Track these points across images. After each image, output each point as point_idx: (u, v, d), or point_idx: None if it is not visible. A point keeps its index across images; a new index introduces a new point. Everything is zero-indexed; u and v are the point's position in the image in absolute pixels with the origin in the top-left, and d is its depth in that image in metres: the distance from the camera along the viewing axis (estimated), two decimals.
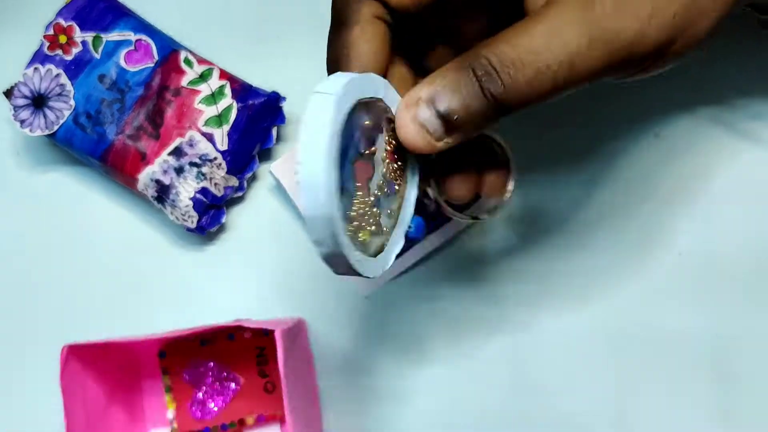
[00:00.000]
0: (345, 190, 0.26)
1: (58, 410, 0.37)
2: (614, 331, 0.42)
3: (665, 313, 0.42)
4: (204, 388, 0.42)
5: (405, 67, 0.31)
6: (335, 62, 0.29)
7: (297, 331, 0.40)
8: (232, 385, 0.42)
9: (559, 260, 0.43)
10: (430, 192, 0.32)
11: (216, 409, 0.42)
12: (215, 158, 0.42)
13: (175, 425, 0.42)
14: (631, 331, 0.42)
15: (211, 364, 0.42)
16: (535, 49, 0.25)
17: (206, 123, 0.42)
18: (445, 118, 0.26)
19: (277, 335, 0.34)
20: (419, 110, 0.26)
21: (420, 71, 0.32)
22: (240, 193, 0.44)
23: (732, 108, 0.43)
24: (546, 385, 0.42)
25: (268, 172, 0.44)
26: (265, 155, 0.45)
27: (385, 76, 0.29)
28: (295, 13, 0.46)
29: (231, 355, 0.42)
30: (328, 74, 0.28)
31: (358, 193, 0.27)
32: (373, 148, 0.27)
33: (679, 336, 0.42)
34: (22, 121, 0.42)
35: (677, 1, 0.26)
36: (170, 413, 0.42)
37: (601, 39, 0.25)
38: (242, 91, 0.42)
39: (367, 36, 0.28)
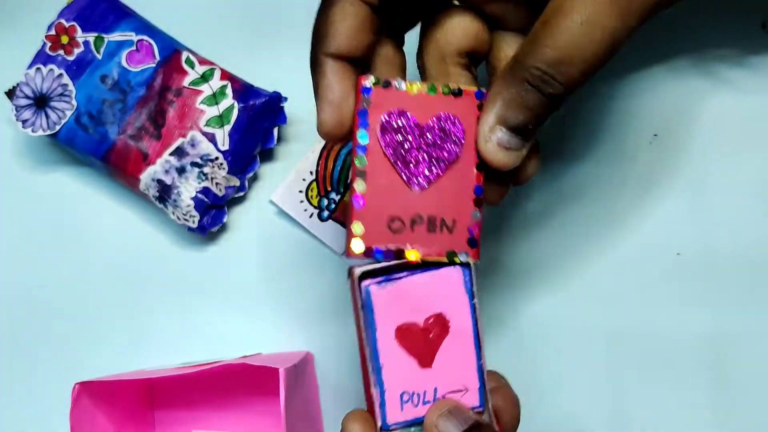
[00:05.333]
0: None
1: None
2: (613, 331, 0.42)
3: (664, 313, 0.42)
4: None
5: (392, 48, 0.32)
6: (317, 37, 0.30)
7: (303, 366, 0.40)
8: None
9: (558, 260, 0.43)
10: None
11: None
12: (216, 158, 0.42)
13: None
14: (630, 331, 0.42)
15: None
16: (579, 44, 0.27)
17: (208, 123, 0.42)
18: (520, 132, 0.28)
19: (281, 375, 0.34)
20: (495, 136, 0.29)
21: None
22: (241, 193, 0.44)
23: (732, 101, 0.43)
24: (544, 384, 0.42)
25: (268, 201, 0.44)
26: (267, 155, 0.45)
27: (370, 55, 0.31)
28: (296, 14, 0.46)
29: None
30: (311, 48, 0.31)
31: None
32: None
33: (678, 336, 0.42)
34: (24, 122, 0.42)
35: None
36: None
37: (631, 9, 0.27)
38: (243, 91, 0.43)
39: (347, 15, 0.30)
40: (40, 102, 0.42)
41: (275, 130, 0.44)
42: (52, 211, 0.45)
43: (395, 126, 0.29)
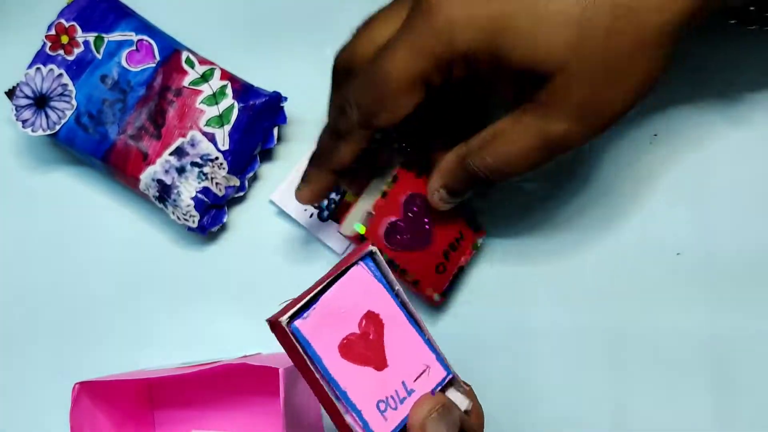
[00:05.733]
0: None
1: None
2: (612, 331, 0.42)
3: (663, 313, 0.42)
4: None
5: None
6: (324, 156, 0.37)
7: None
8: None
9: (557, 259, 0.43)
10: None
11: None
12: (216, 158, 0.42)
13: None
14: (629, 331, 0.42)
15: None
16: (511, 164, 0.35)
17: (208, 123, 0.42)
18: (454, 194, 0.38)
19: (281, 375, 0.34)
20: (438, 195, 0.38)
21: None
22: (241, 193, 0.44)
23: (731, 102, 0.43)
24: (543, 385, 0.42)
25: (268, 201, 0.44)
26: (267, 155, 0.45)
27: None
28: (296, 14, 0.46)
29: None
30: (316, 159, 0.38)
31: None
32: None
33: (678, 336, 0.42)
34: (24, 121, 0.42)
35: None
36: None
37: (549, 144, 0.34)
38: (243, 91, 0.43)
39: (354, 151, 0.36)
40: (40, 102, 0.42)
41: (275, 130, 0.44)
42: (52, 211, 0.45)
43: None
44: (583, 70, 0.32)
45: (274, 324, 0.30)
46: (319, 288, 0.29)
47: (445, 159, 0.37)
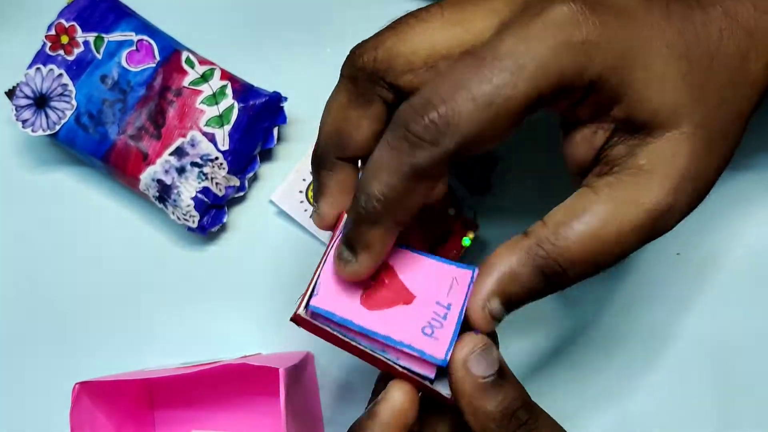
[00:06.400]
0: None
1: None
2: (612, 331, 0.42)
3: (663, 313, 0.42)
4: None
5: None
6: (334, 138, 0.31)
7: (303, 366, 0.40)
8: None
9: None
10: None
11: None
12: (216, 158, 0.42)
13: None
14: (629, 331, 0.42)
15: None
16: (603, 248, 0.27)
17: (207, 123, 0.42)
18: (510, 307, 0.28)
19: (281, 374, 0.34)
20: (493, 307, 0.28)
21: None
22: (241, 193, 0.44)
23: None
24: (543, 385, 0.42)
25: (268, 201, 0.44)
26: (267, 155, 0.45)
27: None
28: (296, 14, 0.46)
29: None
30: (323, 145, 0.31)
31: None
32: None
33: (678, 336, 0.42)
34: (24, 121, 0.42)
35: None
36: None
37: (653, 221, 0.28)
38: (243, 91, 0.43)
39: (370, 126, 0.30)
40: (40, 102, 0.42)
41: (275, 130, 0.44)
42: (52, 211, 0.45)
43: None
44: (693, 135, 0.27)
45: (296, 319, 0.29)
46: (319, 266, 0.30)
47: (504, 253, 0.28)
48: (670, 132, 0.27)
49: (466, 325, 0.29)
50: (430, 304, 0.29)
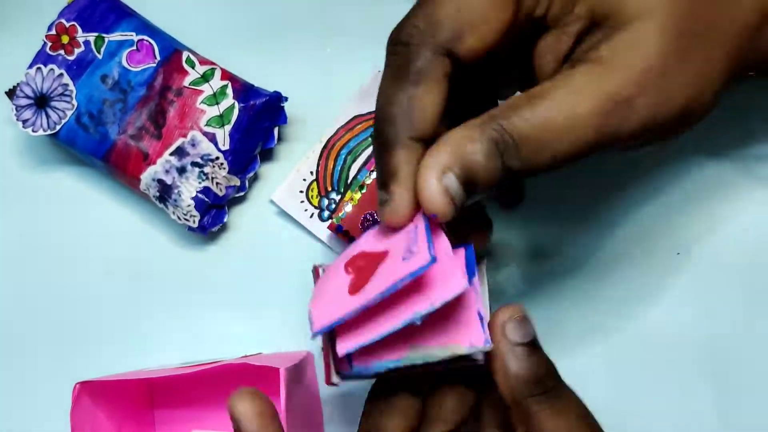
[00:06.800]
0: None
1: None
2: (612, 331, 0.42)
3: (663, 313, 0.42)
4: None
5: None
6: (390, 121, 0.28)
7: (303, 366, 0.40)
8: None
9: (557, 260, 0.43)
10: None
11: None
12: (217, 158, 0.42)
13: None
14: (629, 331, 0.42)
15: None
16: (558, 129, 0.26)
17: (208, 123, 0.42)
18: (467, 185, 0.27)
19: (281, 374, 0.34)
20: (449, 181, 0.26)
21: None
22: (242, 193, 0.44)
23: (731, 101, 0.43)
24: None
25: (269, 201, 0.44)
26: (267, 155, 0.45)
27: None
28: (296, 14, 0.46)
29: None
30: (384, 125, 0.28)
31: None
32: None
33: (678, 336, 0.42)
34: (24, 121, 0.42)
35: (687, 83, 0.27)
36: None
37: (609, 109, 0.26)
38: (244, 91, 0.43)
39: (434, 98, 0.28)
40: (41, 102, 0.42)
41: (275, 130, 0.44)
42: (52, 211, 0.45)
43: None
44: (663, 27, 0.26)
45: (330, 379, 0.30)
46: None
47: (458, 130, 0.27)
48: (635, 23, 0.26)
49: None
50: (402, 244, 0.28)
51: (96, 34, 0.42)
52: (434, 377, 0.32)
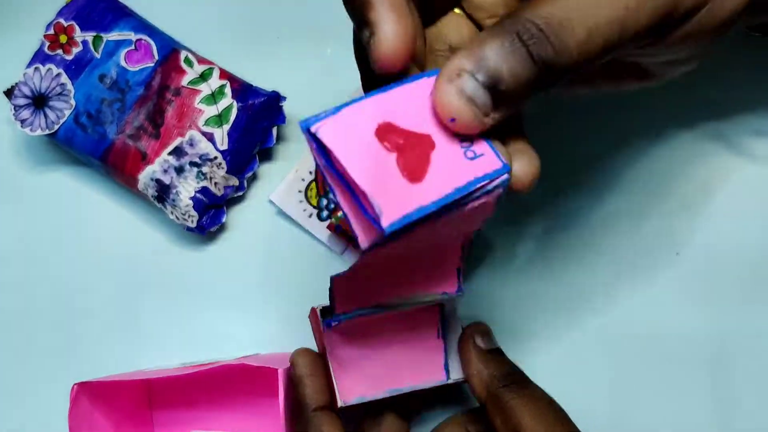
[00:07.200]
0: None
1: None
2: (612, 331, 0.42)
3: (664, 313, 0.42)
4: None
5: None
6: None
7: None
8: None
9: (557, 259, 0.43)
10: None
11: None
12: (215, 158, 0.42)
13: None
14: (630, 331, 0.42)
15: None
16: (584, 7, 0.24)
17: (206, 123, 0.42)
18: (492, 89, 0.24)
19: (280, 375, 0.34)
20: (464, 82, 0.24)
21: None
22: (240, 193, 0.44)
23: (731, 122, 0.43)
24: (542, 384, 0.42)
25: (267, 201, 0.44)
26: (266, 155, 0.45)
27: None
28: (295, 13, 0.46)
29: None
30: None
31: None
32: None
33: (678, 336, 0.42)
34: (22, 121, 0.42)
35: None
36: None
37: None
38: (242, 90, 0.43)
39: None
40: (39, 101, 0.42)
41: (274, 130, 0.44)
42: (51, 211, 0.45)
43: None
44: None
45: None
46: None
47: (473, 39, 0.25)
48: None
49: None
50: (445, 132, 0.25)
51: (94, 33, 0.42)
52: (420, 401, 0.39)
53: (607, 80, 0.31)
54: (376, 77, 0.26)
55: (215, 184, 0.42)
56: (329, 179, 0.26)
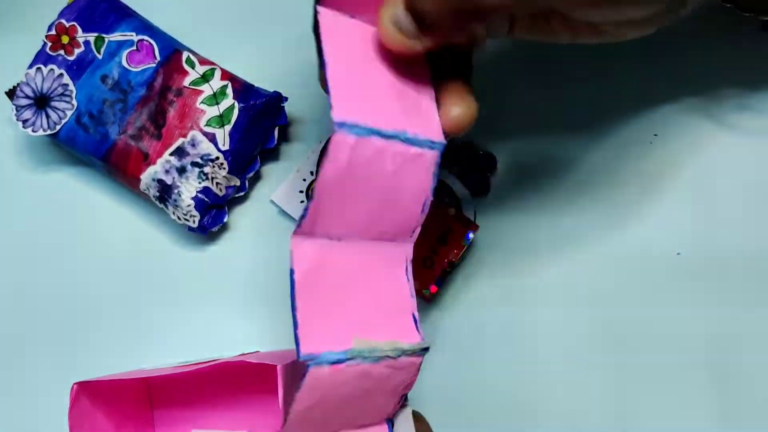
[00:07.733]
0: None
1: None
2: (612, 331, 0.42)
3: (664, 313, 0.42)
4: None
5: None
6: None
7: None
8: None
9: (557, 259, 0.43)
10: None
11: None
12: (217, 158, 0.42)
13: None
14: (630, 331, 0.42)
15: None
16: None
17: (208, 123, 0.42)
18: (414, 13, 0.27)
19: (279, 371, 0.34)
20: (395, 8, 0.27)
21: None
22: (242, 193, 0.44)
23: (721, 101, 0.43)
24: (543, 385, 0.42)
25: (269, 201, 0.44)
26: (267, 155, 0.45)
27: None
28: (297, 14, 0.46)
29: None
30: None
31: None
32: None
33: (678, 336, 0.42)
34: (24, 121, 0.42)
35: None
36: None
37: None
38: (244, 91, 0.43)
39: None
40: (41, 102, 0.42)
41: (276, 130, 0.44)
42: (52, 211, 0.45)
43: None
44: None
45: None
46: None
47: None
48: None
49: None
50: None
51: (96, 34, 0.43)
52: None
53: (564, 28, 0.32)
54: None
55: (217, 184, 0.42)
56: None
